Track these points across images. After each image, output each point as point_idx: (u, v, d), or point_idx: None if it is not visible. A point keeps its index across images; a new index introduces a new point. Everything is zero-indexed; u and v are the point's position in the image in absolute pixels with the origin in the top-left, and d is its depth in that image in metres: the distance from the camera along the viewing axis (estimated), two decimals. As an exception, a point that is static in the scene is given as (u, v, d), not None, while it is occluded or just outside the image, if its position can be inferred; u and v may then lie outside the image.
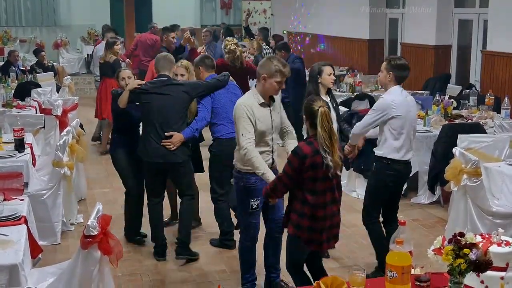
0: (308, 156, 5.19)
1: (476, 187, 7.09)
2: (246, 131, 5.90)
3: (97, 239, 4.80)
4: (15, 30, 24.16)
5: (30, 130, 9.54)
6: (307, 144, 5.27)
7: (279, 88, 6.03)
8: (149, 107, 7.29)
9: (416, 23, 14.86)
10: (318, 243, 5.44)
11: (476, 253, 3.65)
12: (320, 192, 5.29)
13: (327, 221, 5.38)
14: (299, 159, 5.21)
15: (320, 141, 5.17)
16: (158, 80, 7.43)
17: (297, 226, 5.40)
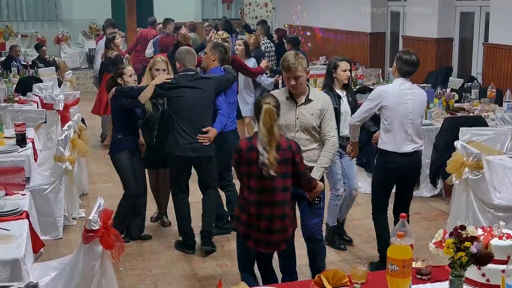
0: (243, 151, 5.27)
1: (477, 180, 7.09)
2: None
3: (99, 234, 4.81)
4: (16, 25, 24.18)
5: (31, 125, 9.54)
6: (247, 139, 5.39)
7: (289, 84, 5.83)
8: (180, 101, 7.26)
9: (417, 16, 14.83)
10: (253, 240, 5.40)
11: (477, 246, 3.65)
12: (254, 190, 5.29)
13: (262, 221, 5.32)
14: (236, 153, 5.34)
15: (259, 137, 5.16)
16: (187, 74, 7.40)
17: (237, 219, 5.50)
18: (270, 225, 5.33)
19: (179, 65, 7.56)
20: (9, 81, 12.35)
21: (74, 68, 20.59)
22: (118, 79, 7.62)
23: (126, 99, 7.36)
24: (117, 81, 7.62)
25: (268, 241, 5.41)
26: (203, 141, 7.27)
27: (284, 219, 5.39)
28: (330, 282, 4.00)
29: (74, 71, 17.95)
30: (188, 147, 7.25)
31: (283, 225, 5.40)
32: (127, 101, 7.37)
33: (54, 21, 24.92)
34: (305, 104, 5.93)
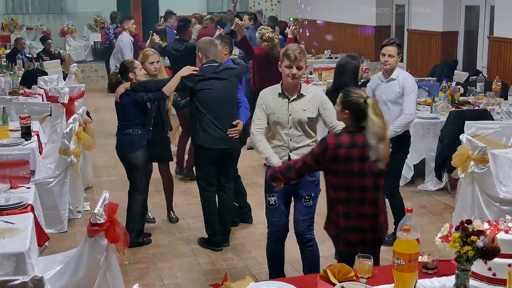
0: (329, 148, 4.86)
1: (483, 173, 7.08)
2: (256, 117, 5.86)
3: (104, 227, 4.81)
4: (21, 18, 24.18)
5: (36, 117, 9.55)
6: (335, 136, 4.97)
7: (290, 74, 5.70)
8: (209, 93, 7.18)
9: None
10: (345, 242, 5.09)
11: (483, 240, 3.64)
12: (340, 188, 4.96)
13: (356, 220, 4.99)
14: (322, 149, 4.92)
15: (374, 130, 4.78)
16: (212, 65, 7.31)
17: (326, 218, 5.17)
18: (362, 223, 4.99)
19: (201, 56, 7.40)
20: (14, 74, 12.36)
21: (79, 61, 20.60)
22: (130, 74, 7.38)
23: (147, 93, 7.21)
24: (127, 77, 7.39)
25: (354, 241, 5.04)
26: (234, 134, 7.26)
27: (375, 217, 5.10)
28: (336, 276, 3.99)
29: (79, 64, 17.98)
30: (219, 139, 7.21)
31: (374, 223, 5.05)
32: (148, 95, 7.20)
33: (59, 13, 24.90)
34: (297, 99, 5.83)
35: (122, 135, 7.47)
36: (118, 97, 7.31)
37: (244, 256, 7.31)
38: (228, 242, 7.61)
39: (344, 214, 4.97)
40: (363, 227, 4.98)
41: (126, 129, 7.39)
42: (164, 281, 6.73)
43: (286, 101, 5.82)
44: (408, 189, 9.46)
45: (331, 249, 6.97)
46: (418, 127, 9.41)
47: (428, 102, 10.29)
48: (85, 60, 22.17)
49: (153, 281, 6.74)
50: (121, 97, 7.30)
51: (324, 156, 4.89)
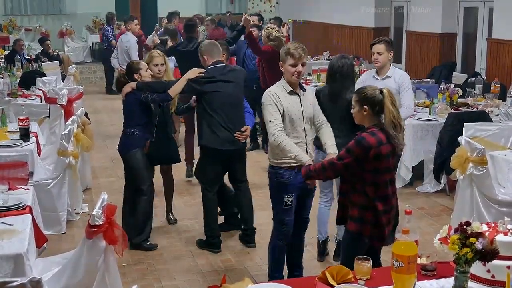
0: (373, 147, 4.92)
1: (482, 175, 7.08)
2: (272, 117, 5.79)
3: (102, 229, 4.80)
4: (20, 19, 24.17)
5: (35, 119, 9.53)
6: (371, 134, 5.00)
7: (296, 72, 5.80)
8: (217, 95, 7.18)
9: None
10: (381, 239, 5.16)
11: (482, 242, 3.63)
12: (382, 185, 5.06)
13: (389, 214, 5.13)
14: (364, 150, 4.95)
15: (392, 120, 4.93)
16: (218, 66, 7.33)
17: (360, 219, 5.14)
18: (390, 219, 5.17)
19: (206, 58, 7.41)
20: (13, 75, 12.36)
21: (78, 62, 20.57)
22: (135, 74, 7.36)
23: (153, 94, 7.19)
24: (133, 77, 7.36)
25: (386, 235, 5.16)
26: (241, 139, 7.31)
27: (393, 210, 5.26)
28: (335, 278, 3.99)
29: (77, 65, 17.93)
30: (227, 140, 7.24)
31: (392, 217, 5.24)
32: (153, 96, 7.18)
33: (58, 15, 24.89)
34: (304, 95, 5.97)
35: (123, 134, 7.52)
36: (124, 95, 7.34)
37: (243, 258, 7.30)
38: (254, 242, 7.62)
39: (384, 211, 5.07)
40: (391, 219, 5.18)
41: (127, 129, 7.43)
42: (162, 283, 6.72)
43: (297, 97, 5.91)
44: (406, 191, 9.47)
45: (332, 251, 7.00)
46: (417, 128, 9.42)
47: (426, 104, 10.29)
48: (84, 61, 22.17)
49: (151, 283, 6.73)
50: (127, 95, 7.31)
51: (367, 155, 4.95)
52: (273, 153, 5.92)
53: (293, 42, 6.17)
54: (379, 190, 5.07)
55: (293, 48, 5.83)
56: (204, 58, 7.44)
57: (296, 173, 5.81)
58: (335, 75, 6.85)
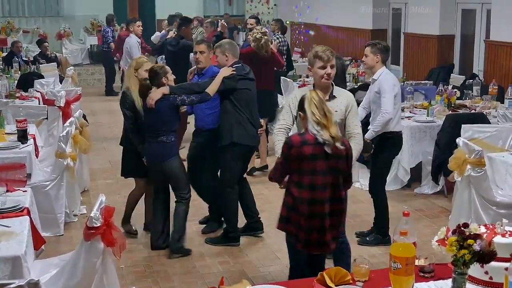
0: (294, 146, 5.07)
1: (479, 177, 7.08)
2: (282, 117, 6.01)
3: (100, 231, 4.79)
4: (18, 21, 24.16)
5: (33, 121, 9.54)
6: (298, 134, 5.22)
7: (326, 74, 5.82)
8: (246, 93, 7.43)
9: (419, 13, 14.82)
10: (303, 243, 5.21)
11: (480, 244, 3.64)
12: (306, 186, 5.09)
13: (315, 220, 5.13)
14: (288, 147, 5.13)
15: (313, 119, 5.03)
16: (241, 66, 7.53)
17: (286, 219, 5.26)
18: (323, 224, 5.14)
19: (227, 57, 7.51)
20: (11, 77, 12.35)
21: (76, 64, 20.55)
22: (163, 79, 7.09)
23: (189, 96, 7.10)
24: (160, 82, 7.08)
25: (321, 241, 5.21)
26: (261, 133, 7.78)
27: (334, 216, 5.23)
28: (333, 280, 3.99)
29: (75, 67, 17.93)
30: (254, 136, 7.56)
31: (333, 222, 5.23)
32: (190, 98, 7.08)
33: (56, 17, 24.88)
34: (329, 101, 5.85)
35: (153, 143, 7.15)
36: (154, 103, 6.99)
37: (241, 259, 7.30)
38: (263, 228, 7.90)
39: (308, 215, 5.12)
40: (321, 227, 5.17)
41: (160, 137, 7.10)
42: (160, 285, 6.72)
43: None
44: (404, 193, 9.47)
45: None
46: (415, 130, 9.43)
47: (424, 106, 10.30)
48: (82, 63, 22.16)
49: (149, 285, 6.72)
50: (157, 102, 6.99)
51: (290, 153, 5.11)
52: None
53: (322, 45, 6.16)
54: (304, 192, 5.09)
55: (321, 51, 5.86)
56: (226, 56, 7.53)
57: None
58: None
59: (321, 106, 5.09)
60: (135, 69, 7.48)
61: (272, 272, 6.91)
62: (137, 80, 7.38)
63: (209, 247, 7.60)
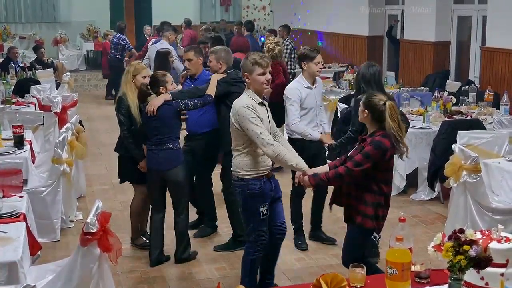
0: (389, 149, 5.35)
1: (475, 183, 7.09)
2: (262, 129, 5.71)
3: (97, 236, 4.80)
4: (14, 27, 24.16)
5: (29, 127, 9.53)
6: (384, 137, 5.36)
7: (265, 80, 5.82)
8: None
9: (415, 19, 14.86)
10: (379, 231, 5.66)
11: (476, 250, 3.65)
12: (390, 181, 5.61)
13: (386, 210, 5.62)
14: (382, 152, 5.34)
15: (393, 133, 5.29)
16: (233, 71, 7.52)
17: (374, 217, 5.47)
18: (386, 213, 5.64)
19: (220, 66, 7.54)
20: (7, 83, 12.33)
21: (72, 70, 20.54)
22: (161, 88, 7.02)
23: (191, 99, 7.05)
24: (157, 90, 7.04)
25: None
26: None
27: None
28: (329, 286, 3.98)
29: (72, 73, 17.90)
30: None
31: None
32: (193, 101, 7.02)
33: (53, 23, 24.88)
34: (263, 105, 6.02)
35: (160, 151, 7.02)
36: (155, 110, 6.93)
37: (237, 265, 7.27)
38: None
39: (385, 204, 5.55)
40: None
41: (166, 144, 7.02)
42: (156, 291, 6.73)
43: (265, 108, 5.98)
44: (400, 199, 9.48)
45: (328, 255, 6.99)
46: (411, 136, 9.42)
47: (420, 112, 10.31)
48: (78, 69, 22.16)
49: (145, 291, 6.73)
50: (159, 109, 6.94)
51: (384, 156, 5.36)
52: (240, 165, 5.89)
53: (256, 52, 6.19)
54: (389, 187, 5.61)
55: (259, 57, 5.85)
56: (220, 64, 7.55)
57: (265, 181, 5.87)
58: (369, 82, 7.01)
59: (399, 120, 5.40)
60: (133, 75, 7.34)
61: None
62: (134, 86, 7.30)
63: (205, 253, 7.59)
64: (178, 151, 7.11)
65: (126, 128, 7.24)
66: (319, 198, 7.73)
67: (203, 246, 7.79)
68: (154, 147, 7.04)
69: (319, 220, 7.92)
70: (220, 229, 8.28)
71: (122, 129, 7.27)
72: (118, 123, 7.29)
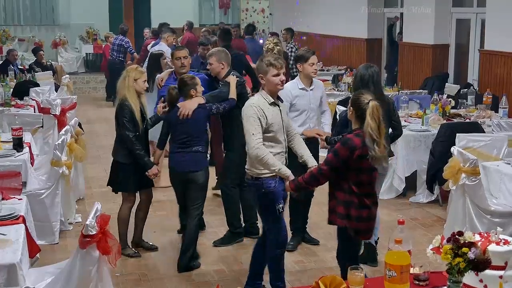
0: (358, 148, 5.29)
1: (474, 186, 7.10)
2: (255, 130, 5.83)
3: (96, 239, 4.80)
4: (13, 29, 24.17)
5: (28, 129, 9.52)
6: (356, 136, 5.37)
7: (280, 81, 5.94)
8: (247, 97, 7.53)
9: (414, 22, 14.87)
10: (366, 232, 5.60)
11: (475, 252, 3.65)
12: (365, 183, 5.44)
13: (372, 210, 5.54)
14: (349, 150, 5.31)
15: (370, 132, 5.23)
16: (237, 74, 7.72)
17: (346, 216, 5.47)
18: (370, 214, 5.52)
19: (223, 66, 7.70)
20: (6, 85, 12.34)
21: (71, 73, 20.55)
22: (191, 90, 7.05)
23: (221, 104, 7.22)
24: (188, 93, 7.06)
25: (368, 229, 5.61)
26: None
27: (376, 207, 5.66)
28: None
29: (71, 75, 17.92)
30: None
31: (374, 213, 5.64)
32: (223, 105, 7.22)
33: (52, 25, 24.90)
34: (281, 105, 6.14)
35: (187, 153, 7.03)
36: (190, 113, 6.96)
37: (236, 267, 7.30)
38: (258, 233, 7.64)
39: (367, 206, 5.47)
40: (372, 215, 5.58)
41: (195, 146, 7.03)
42: (155, 293, 6.73)
43: (278, 108, 6.05)
44: (399, 201, 9.49)
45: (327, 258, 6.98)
46: (410, 139, 9.44)
47: (419, 115, 10.32)
48: (77, 71, 22.18)
49: (144, 293, 6.73)
50: (195, 112, 6.99)
51: (352, 155, 5.30)
52: (254, 164, 5.96)
53: (270, 54, 6.29)
54: (364, 188, 5.43)
55: (274, 59, 5.98)
56: (222, 64, 7.70)
57: (278, 181, 5.93)
58: (368, 83, 6.97)
59: (380, 122, 5.30)
60: (135, 79, 7.24)
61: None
62: (135, 90, 7.24)
63: (204, 254, 7.58)
64: (205, 154, 7.18)
65: (133, 133, 7.14)
66: (305, 199, 7.75)
67: (202, 247, 7.78)
68: (181, 149, 7.04)
69: (305, 221, 7.94)
70: (212, 222, 8.42)
71: (128, 135, 7.11)
72: (121, 129, 7.16)
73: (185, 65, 8.01)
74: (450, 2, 14.17)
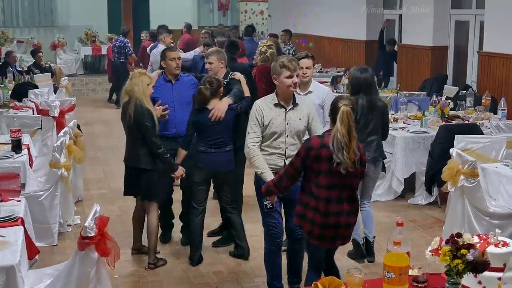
0: (313, 148, 5.27)
1: (473, 187, 7.10)
2: (252, 130, 6.04)
3: (95, 240, 4.80)
4: (12, 31, 24.11)
5: (27, 131, 9.52)
6: (318, 136, 5.41)
7: (292, 83, 5.97)
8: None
9: (413, 24, 14.88)
10: (320, 238, 5.41)
11: (473, 254, 3.65)
12: (323, 186, 5.29)
13: (331, 217, 5.31)
14: (306, 150, 5.32)
15: (338, 137, 5.15)
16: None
17: (301, 216, 5.46)
18: (339, 221, 5.35)
19: (222, 65, 7.72)
20: (5, 87, 12.34)
21: (70, 74, 20.55)
22: (220, 89, 7.21)
23: (242, 103, 7.35)
24: (218, 92, 7.17)
25: (336, 236, 5.45)
26: None
27: (352, 215, 5.46)
28: (326, 289, 3.99)
29: (70, 77, 17.93)
30: None
31: (350, 221, 5.46)
32: (244, 104, 7.33)
33: (50, 27, 24.84)
34: (293, 109, 6.10)
35: (223, 152, 7.21)
36: (223, 114, 7.12)
37: (235, 269, 7.30)
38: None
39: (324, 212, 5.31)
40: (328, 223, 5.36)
41: (227, 146, 7.25)
42: (154, 295, 6.72)
43: (283, 110, 6.07)
44: (398, 203, 9.49)
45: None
46: (408, 141, 9.45)
47: (418, 116, 10.33)
48: (76, 73, 22.15)
49: (143, 295, 6.72)
50: (226, 113, 7.15)
51: (309, 155, 5.29)
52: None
53: (285, 55, 6.31)
54: (321, 191, 5.31)
55: (288, 60, 6.02)
56: (222, 63, 7.73)
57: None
58: (362, 87, 7.08)
59: (350, 127, 5.19)
60: (147, 84, 7.15)
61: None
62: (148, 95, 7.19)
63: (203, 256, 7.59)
64: (233, 152, 7.33)
65: (156, 134, 7.09)
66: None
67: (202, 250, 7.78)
68: (213, 149, 7.19)
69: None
70: (212, 222, 8.35)
71: (157, 141, 7.06)
72: (146, 135, 7.00)
73: (179, 66, 7.99)
74: (449, 4, 14.18)
